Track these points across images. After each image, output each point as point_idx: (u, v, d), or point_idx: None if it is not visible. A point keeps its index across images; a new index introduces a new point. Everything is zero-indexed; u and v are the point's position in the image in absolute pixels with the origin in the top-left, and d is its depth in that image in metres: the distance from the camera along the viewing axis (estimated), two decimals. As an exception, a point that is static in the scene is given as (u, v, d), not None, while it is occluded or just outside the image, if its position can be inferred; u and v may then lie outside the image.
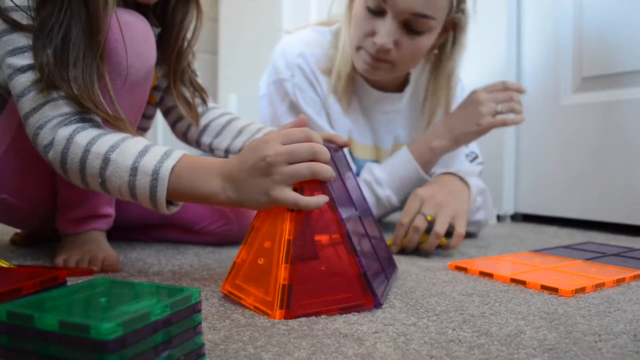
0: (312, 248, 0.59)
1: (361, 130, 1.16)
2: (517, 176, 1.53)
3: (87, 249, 0.80)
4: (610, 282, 0.71)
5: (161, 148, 0.65)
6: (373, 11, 0.97)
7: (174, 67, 0.86)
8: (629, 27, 1.25)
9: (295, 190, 0.59)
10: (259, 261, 0.59)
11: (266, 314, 0.56)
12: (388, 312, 0.58)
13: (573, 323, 0.55)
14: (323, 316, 0.56)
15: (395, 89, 1.17)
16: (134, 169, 0.63)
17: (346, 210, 0.64)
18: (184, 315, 0.38)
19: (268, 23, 2.39)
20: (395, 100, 1.16)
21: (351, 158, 1.14)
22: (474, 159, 1.16)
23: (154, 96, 0.93)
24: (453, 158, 1.14)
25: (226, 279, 0.62)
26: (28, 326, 0.34)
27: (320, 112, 1.10)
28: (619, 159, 1.28)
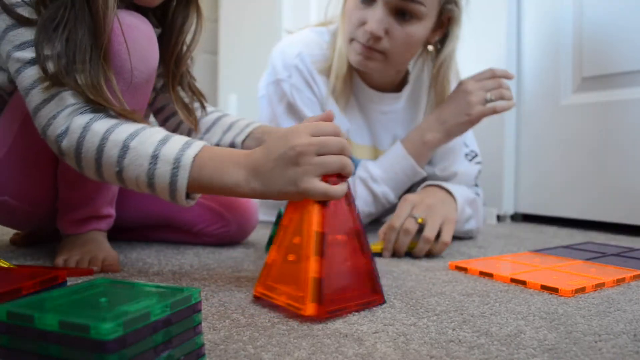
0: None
1: (359, 130, 1.16)
2: (517, 176, 1.53)
3: (88, 249, 0.80)
4: (610, 282, 0.71)
5: (182, 137, 0.64)
6: (364, 1, 0.98)
7: (173, 72, 0.85)
8: (629, 27, 1.25)
9: None
10: (289, 257, 0.58)
11: (298, 310, 0.54)
12: (388, 312, 0.58)
13: (573, 323, 0.55)
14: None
15: (393, 89, 1.17)
16: (154, 157, 0.62)
17: None
18: (184, 315, 0.38)
19: (268, 23, 2.39)
20: (393, 100, 1.16)
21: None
22: (473, 158, 1.16)
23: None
24: (453, 157, 1.14)
25: (258, 281, 0.60)
26: (28, 326, 0.34)
27: (317, 113, 1.10)
28: (619, 159, 1.28)
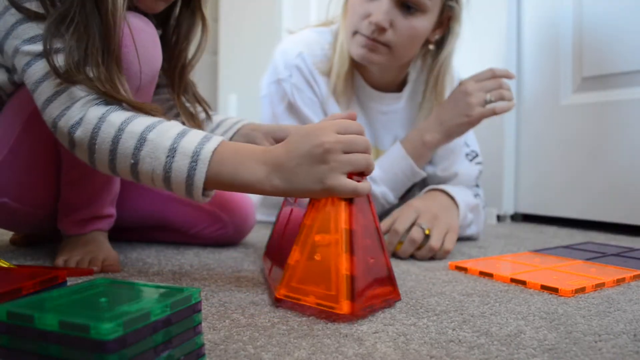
0: None
1: None
2: (517, 176, 1.53)
3: (89, 250, 0.80)
4: (610, 282, 0.71)
5: (201, 132, 0.63)
6: None
7: (177, 81, 0.84)
8: (629, 28, 1.25)
9: None
10: (316, 257, 0.57)
11: (331, 309, 0.54)
12: (388, 312, 0.58)
13: (573, 323, 0.55)
14: (323, 315, 0.56)
15: (394, 89, 1.17)
16: (172, 150, 0.60)
17: None
18: (184, 315, 0.38)
19: (268, 23, 2.40)
20: (393, 100, 1.16)
21: None
22: (474, 158, 1.16)
23: None
24: (454, 157, 1.14)
25: (281, 284, 0.59)
26: (28, 326, 0.34)
27: (317, 113, 1.10)
28: (619, 159, 1.28)
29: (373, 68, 1.09)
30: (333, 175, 0.57)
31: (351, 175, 0.58)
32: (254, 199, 1.18)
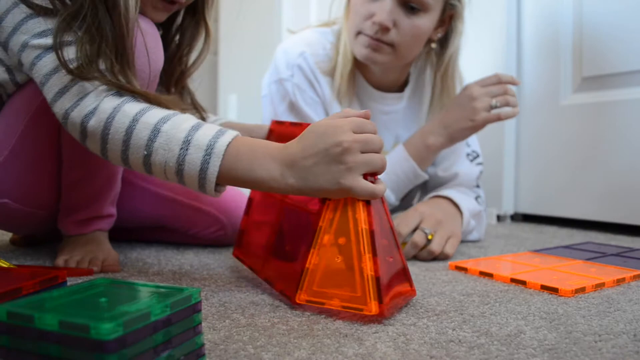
0: None
1: None
2: (517, 176, 1.53)
3: (89, 250, 0.80)
4: (610, 282, 0.71)
5: (215, 126, 0.62)
6: None
7: (174, 86, 0.84)
8: (629, 28, 1.25)
9: None
10: (337, 259, 0.57)
11: (359, 311, 0.54)
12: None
13: (573, 323, 0.55)
14: (322, 315, 0.56)
15: (395, 89, 1.17)
16: (186, 142, 0.59)
17: None
18: (184, 315, 0.38)
19: (268, 23, 2.40)
20: (395, 100, 1.16)
21: None
22: (475, 158, 1.16)
23: None
24: (454, 157, 1.14)
25: (300, 289, 0.58)
26: (28, 326, 0.34)
27: (319, 112, 1.10)
28: (619, 159, 1.28)
29: (375, 68, 1.09)
30: (350, 175, 0.56)
31: (365, 175, 0.57)
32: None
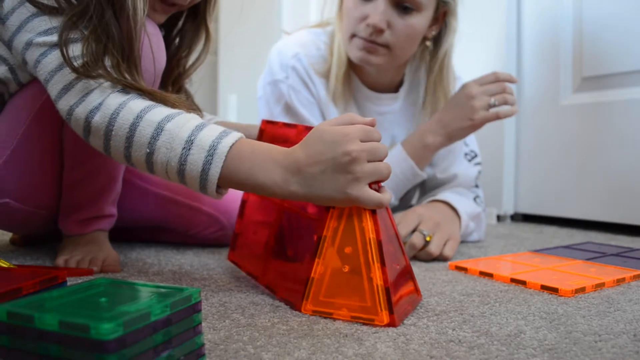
0: None
1: None
2: (517, 176, 1.53)
3: (89, 249, 0.80)
4: (610, 282, 0.71)
5: (220, 127, 0.61)
6: None
7: (170, 87, 0.84)
8: (629, 28, 1.25)
9: None
10: (344, 269, 0.56)
11: (370, 321, 0.53)
12: (388, 312, 0.58)
13: (573, 323, 0.55)
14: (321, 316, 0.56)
15: (391, 90, 1.16)
16: (189, 142, 0.59)
17: None
18: (184, 315, 0.38)
19: (268, 23, 2.39)
20: (390, 100, 1.16)
21: None
22: (473, 158, 1.16)
23: None
24: (453, 157, 1.14)
25: (305, 299, 0.57)
26: (28, 326, 0.34)
27: (315, 113, 1.10)
28: (619, 159, 1.28)
29: (371, 69, 1.09)
30: (357, 185, 0.55)
31: (370, 183, 0.57)
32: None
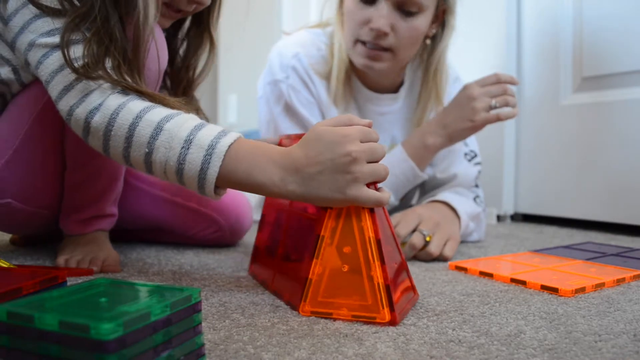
0: None
1: None
2: (517, 176, 1.53)
3: (89, 249, 0.80)
4: (610, 282, 0.71)
5: (218, 126, 0.62)
6: (365, 1, 0.98)
7: (180, 96, 0.84)
8: (629, 28, 1.25)
9: None
10: (343, 269, 0.56)
11: (372, 319, 0.54)
12: (388, 312, 0.58)
13: (573, 323, 0.55)
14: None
15: (391, 90, 1.16)
16: (188, 141, 0.59)
17: None
18: (184, 315, 0.38)
19: (268, 23, 2.40)
20: (391, 100, 1.16)
21: None
22: (473, 158, 1.16)
23: None
24: (452, 157, 1.14)
25: (303, 300, 0.57)
26: (28, 326, 0.34)
27: (315, 113, 1.10)
28: (619, 159, 1.28)
29: (373, 73, 1.09)
30: (356, 185, 0.55)
31: (368, 184, 0.57)
32: (252, 200, 1.18)
